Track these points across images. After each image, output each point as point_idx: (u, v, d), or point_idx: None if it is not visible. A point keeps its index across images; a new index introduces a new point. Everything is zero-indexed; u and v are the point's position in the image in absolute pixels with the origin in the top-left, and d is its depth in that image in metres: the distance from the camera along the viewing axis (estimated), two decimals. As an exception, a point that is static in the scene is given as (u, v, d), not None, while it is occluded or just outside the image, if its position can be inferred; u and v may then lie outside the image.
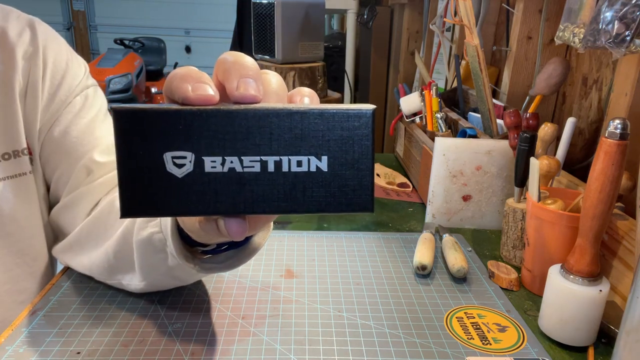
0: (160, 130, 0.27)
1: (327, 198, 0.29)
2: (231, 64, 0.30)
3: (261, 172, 0.28)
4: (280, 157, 0.28)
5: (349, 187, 0.29)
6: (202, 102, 0.28)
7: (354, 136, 0.28)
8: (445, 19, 1.16)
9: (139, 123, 0.27)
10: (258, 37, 1.28)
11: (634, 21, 0.50)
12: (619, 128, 0.46)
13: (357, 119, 0.28)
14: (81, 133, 0.60)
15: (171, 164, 0.28)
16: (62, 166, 0.60)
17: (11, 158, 0.57)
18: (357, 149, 0.29)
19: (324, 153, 0.28)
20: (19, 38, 0.57)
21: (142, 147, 0.27)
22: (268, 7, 1.20)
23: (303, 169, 0.28)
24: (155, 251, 0.46)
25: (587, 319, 0.50)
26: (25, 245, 0.60)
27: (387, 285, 0.61)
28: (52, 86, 0.59)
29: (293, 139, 0.28)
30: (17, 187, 0.58)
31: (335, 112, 0.28)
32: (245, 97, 0.29)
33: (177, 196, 0.28)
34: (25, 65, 0.57)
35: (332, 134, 0.28)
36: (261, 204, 0.29)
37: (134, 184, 0.28)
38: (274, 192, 0.29)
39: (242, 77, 0.29)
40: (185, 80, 0.29)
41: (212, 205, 0.29)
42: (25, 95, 0.58)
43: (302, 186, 0.29)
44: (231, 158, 0.28)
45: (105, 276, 0.56)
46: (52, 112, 0.60)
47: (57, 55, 0.60)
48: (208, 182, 0.28)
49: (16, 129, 0.57)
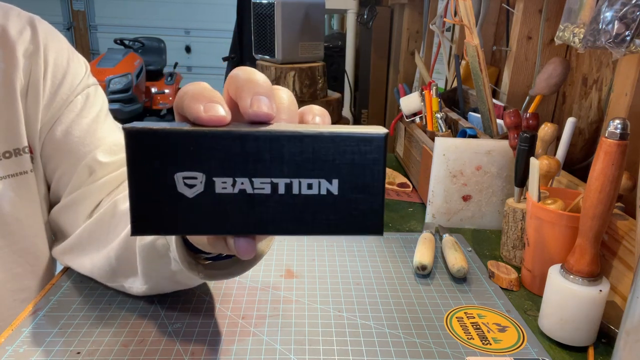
0: (172, 151, 0.27)
1: (337, 221, 0.29)
2: (244, 82, 0.30)
3: (272, 193, 0.28)
4: (291, 180, 0.28)
5: (360, 210, 0.29)
6: (214, 123, 0.28)
7: (366, 160, 0.28)
8: (445, 19, 1.16)
9: (150, 143, 0.27)
10: (258, 37, 1.28)
11: (634, 21, 0.50)
12: (619, 128, 0.46)
13: (369, 144, 0.28)
14: (83, 133, 0.60)
15: (182, 185, 0.28)
16: (63, 166, 0.60)
17: (12, 156, 0.57)
18: (369, 173, 0.28)
19: (335, 176, 0.28)
20: (19, 36, 0.57)
21: (153, 167, 0.27)
22: (268, 7, 1.20)
23: (314, 192, 0.28)
24: (158, 256, 0.46)
25: (587, 319, 0.50)
26: (27, 244, 0.60)
27: (387, 285, 0.61)
28: (53, 85, 0.59)
29: (304, 162, 0.28)
30: (18, 185, 0.58)
31: (346, 136, 0.28)
32: (258, 115, 0.29)
33: (187, 216, 0.28)
34: (26, 63, 0.57)
35: (343, 158, 0.28)
36: (271, 225, 0.29)
37: (145, 204, 0.28)
38: (284, 213, 0.29)
39: (255, 95, 0.29)
40: (197, 99, 0.28)
41: (222, 225, 0.29)
42: (26, 93, 0.58)
43: (312, 209, 0.29)
44: (242, 179, 0.28)
45: (106, 279, 0.56)
46: (54, 111, 0.59)
47: (58, 54, 0.60)
48: (218, 203, 0.28)
49: (17, 128, 0.57)
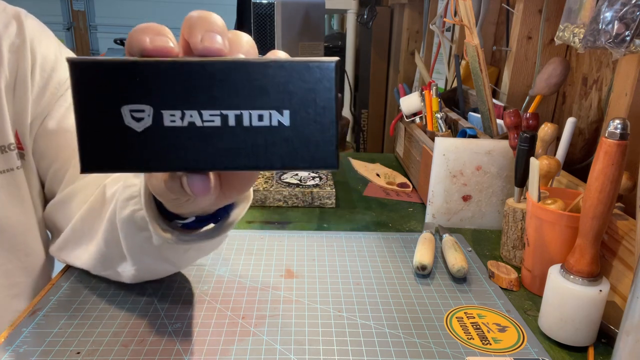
0: (117, 82, 0.27)
1: (290, 154, 0.28)
2: (196, 19, 0.29)
3: (222, 126, 0.28)
4: (241, 111, 0.27)
5: (312, 142, 0.28)
6: (160, 53, 0.28)
7: (317, 89, 0.27)
8: (445, 19, 1.16)
9: (95, 75, 0.27)
10: (258, 37, 1.28)
11: (634, 21, 0.50)
12: (619, 128, 0.46)
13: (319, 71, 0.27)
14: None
15: (129, 118, 0.27)
16: (57, 161, 0.60)
17: None
18: (320, 102, 0.28)
19: (286, 107, 0.27)
20: (5, 30, 0.56)
21: (99, 100, 0.27)
22: (268, 7, 1.20)
23: (265, 124, 0.28)
24: (138, 229, 0.46)
25: (587, 319, 0.50)
26: (17, 241, 0.60)
27: (387, 285, 0.61)
28: (42, 78, 0.59)
29: (254, 92, 0.27)
30: (6, 182, 0.57)
31: (296, 63, 0.27)
32: (209, 50, 0.28)
33: (136, 151, 0.28)
34: (11, 58, 0.57)
35: (294, 86, 0.27)
36: (223, 160, 0.28)
37: (93, 138, 0.27)
38: (235, 147, 0.28)
39: (207, 31, 0.28)
40: (144, 32, 0.28)
41: (172, 161, 0.28)
42: (13, 89, 0.57)
43: (264, 141, 0.28)
44: (191, 112, 0.27)
45: (100, 267, 0.55)
46: (44, 105, 0.59)
47: (46, 49, 0.60)
48: (168, 137, 0.27)
49: (2, 124, 0.56)
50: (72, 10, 6.01)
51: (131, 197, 0.45)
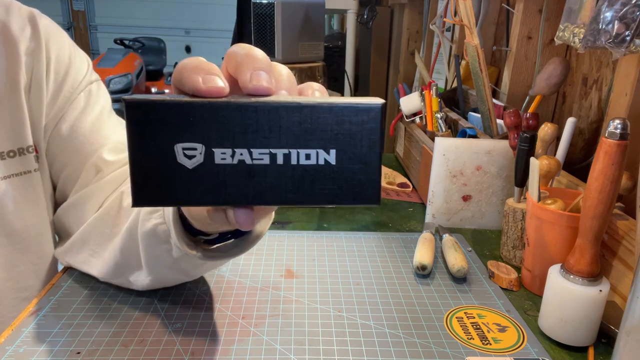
0: (171, 121, 0.28)
1: (334, 191, 0.29)
2: (243, 57, 0.30)
3: (270, 164, 0.29)
4: (289, 150, 0.28)
5: (357, 180, 0.29)
6: (213, 94, 0.28)
7: (363, 130, 0.28)
8: (445, 19, 1.16)
9: (150, 114, 0.28)
10: (258, 37, 1.28)
11: (634, 21, 0.50)
12: (619, 128, 0.46)
13: (366, 114, 0.28)
14: (88, 131, 0.60)
15: (182, 155, 0.28)
16: (70, 165, 0.60)
17: (17, 156, 0.57)
18: (366, 142, 0.29)
19: (333, 147, 0.29)
20: (21, 33, 0.57)
21: (153, 138, 0.28)
22: (268, 7, 1.20)
23: (311, 162, 0.29)
24: (159, 242, 0.46)
25: (587, 319, 0.50)
26: (30, 243, 0.60)
27: (387, 285, 0.61)
28: (56, 81, 0.59)
29: (302, 132, 0.28)
30: (22, 185, 0.58)
31: (344, 107, 0.28)
32: (258, 89, 0.29)
33: (187, 186, 0.29)
34: (28, 60, 0.57)
35: (340, 128, 0.28)
36: (269, 195, 0.29)
37: (146, 174, 0.28)
38: (282, 184, 0.29)
39: (254, 70, 0.29)
40: (195, 72, 0.29)
41: (221, 195, 0.29)
42: (29, 91, 0.57)
43: (310, 179, 0.29)
44: (241, 150, 0.28)
45: (111, 275, 0.55)
46: (57, 108, 0.59)
47: (59, 50, 0.60)
48: (218, 174, 0.29)
49: (22, 126, 0.57)
50: (72, 10, 6.02)
51: (154, 210, 0.46)
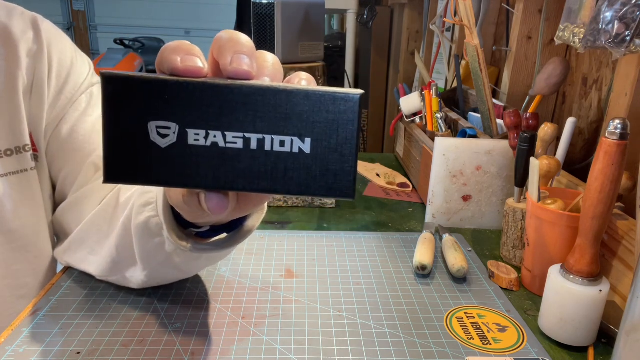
0: (146, 98, 0.28)
1: (307, 180, 0.29)
2: (226, 41, 0.30)
3: (244, 149, 0.28)
4: (264, 136, 0.28)
5: (331, 171, 0.29)
6: (190, 73, 0.28)
7: (340, 120, 0.28)
8: (445, 19, 1.16)
9: (126, 90, 0.28)
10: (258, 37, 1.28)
11: (634, 21, 0.50)
12: (619, 128, 0.46)
13: (344, 103, 0.28)
14: (88, 132, 0.61)
15: (155, 134, 0.28)
16: (69, 164, 0.61)
17: (13, 154, 0.57)
18: (342, 133, 0.28)
19: (308, 135, 0.28)
20: (23, 35, 0.58)
21: (127, 113, 0.28)
22: (268, 7, 1.20)
23: (286, 150, 0.28)
24: (152, 235, 0.46)
25: (587, 319, 0.50)
26: (26, 241, 0.60)
27: (387, 285, 0.61)
28: (57, 84, 0.60)
29: (278, 118, 0.28)
30: (19, 183, 0.58)
31: (322, 94, 0.28)
32: (237, 72, 0.29)
33: (159, 166, 0.29)
34: (29, 63, 0.58)
35: (317, 116, 0.28)
36: (241, 181, 0.29)
37: (118, 149, 0.28)
38: (255, 170, 0.29)
39: (236, 53, 0.29)
40: (175, 52, 0.29)
41: (192, 178, 0.29)
42: (30, 93, 0.58)
43: (283, 166, 0.29)
44: (215, 132, 0.28)
45: (108, 272, 0.55)
46: (58, 110, 0.60)
47: (61, 54, 0.61)
48: (190, 155, 0.28)
49: (19, 126, 0.57)
50: (72, 10, 6.01)
51: (147, 203, 0.46)
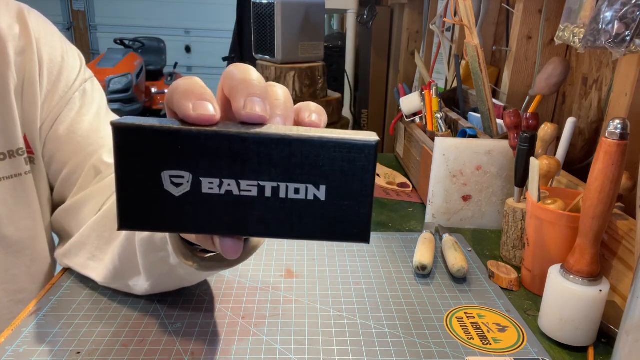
0: (159, 148, 0.27)
1: (323, 227, 0.28)
2: (238, 82, 0.29)
3: (258, 196, 0.28)
4: (279, 184, 0.28)
5: (346, 218, 0.28)
6: (203, 122, 0.27)
7: (355, 168, 0.28)
8: (445, 19, 1.16)
9: (137, 140, 0.27)
10: (258, 37, 1.28)
11: (634, 21, 0.50)
12: (619, 128, 0.46)
13: (360, 152, 0.27)
14: (86, 132, 0.59)
15: (169, 183, 0.28)
16: (69, 166, 0.59)
17: (7, 158, 0.56)
18: (357, 181, 0.28)
19: (323, 182, 0.28)
20: (10, 31, 0.55)
21: (140, 163, 0.27)
22: (268, 7, 1.20)
23: (301, 197, 0.28)
24: (156, 250, 0.46)
25: (587, 319, 0.50)
26: (23, 246, 0.59)
27: (387, 285, 0.61)
28: (49, 82, 0.58)
29: (292, 166, 0.27)
30: (13, 187, 0.57)
31: (336, 143, 0.27)
32: (251, 118, 0.28)
33: (173, 214, 0.28)
34: (18, 60, 0.55)
35: (332, 164, 0.27)
36: (256, 227, 0.29)
37: (132, 199, 0.28)
38: (269, 217, 0.28)
39: (249, 96, 0.28)
40: (186, 96, 0.28)
41: (207, 225, 0.28)
42: (22, 92, 0.56)
43: (298, 213, 0.28)
44: (229, 181, 0.28)
45: (110, 280, 0.55)
46: (53, 109, 0.58)
47: (51, 49, 0.59)
48: (204, 203, 0.28)
49: (12, 129, 0.55)
50: (72, 10, 6.01)
51: None
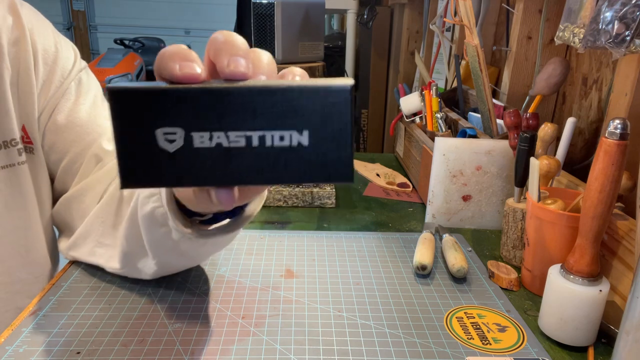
0: (151, 108, 0.29)
1: (309, 170, 0.31)
2: (222, 43, 0.31)
3: (246, 146, 0.30)
4: (264, 132, 0.30)
5: (330, 159, 0.30)
6: (189, 80, 0.29)
7: (334, 111, 0.30)
8: (445, 19, 1.16)
9: (131, 102, 0.29)
10: (258, 37, 1.28)
11: (634, 21, 0.50)
12: (619, 128, 0.46)
13: (336, 95, 0.29)
14: (85, 121, 0.60)
15: (163, 140, 0.30)
16: (69, 155, 0.60)
17: (1, 149, 0.56)
18: (337, 123, 0.30)
19: (306, 128, 0.30)
20: (3, 23, 0.56)
21: (135, 124, 0.29)
22: (268, 7, 1.20)
23: (286, 143, 0.30)
24: (158, 225, 0.47)
25: (587, 319, 0.50)
26: (17, 236, 0.60)
27: (387, 285, 0.61)
28: (45, 72, 0.58)
29: (275, 115, 0.30)
30: (8, 178, 0.57)
31: (314, 89, 0.29)
32: (235, 74, 0.30)
33: (169, 169, 0.30)
34: (12, 51, 0.56)
35: (312, 109, 0.30)
36: (247, 176, 0.31)
37: (130, 158, 0.30)
38: (258, 164, 0.30)
39: (232, 56, 0.30)
40: (172, 59, 0.30)
41: (201, 177, 0.31)
42: (17, 83, 0.57)
43: (285, 159, 0.30)
44: (218, 133, 0.30)
45: (119, 264, 0.56)
46: (49, 98, 0.59)
47: (45, 39, 0.59)
48: (197, 156, 0.30)
49: (5, 119, 0.56)
50: (72, 10, 6.02)
51: (152, 194, 0.47)
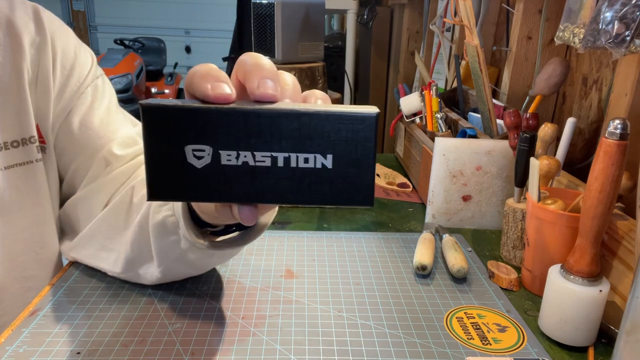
0: (182, 125, 0.30)
1: (330, 192, 0.32)
2: (252, 66, 0.33)
3: (271, 166, 0.31)
4: (289, 154, 0.31)
5: (352, 183, 0.32)
6: (220, 100, 0.31)
7: (358, 138, 0.31)
8: (445, 19, 1.16)
9: (163, 118, 0.30)
10: (258, 37, 1.28)
11: (634, 21, 0.50)
12: (619, 128, 0.46)
13: (362, 122, 0.31)
14: (97, 126, 0.61)
15: (191, 156, 0.31)
16: (79, 158, 0.61)
17: (20, 146, 0.58)
18: (361, 149, 0.31)
19: (330, 152, 0.31)
20: (25, 26, 0.58)
21: (166, 140, 0.31)
22: (268, 7, 1.20)
23: (309, 166, 0.31)
24: (168, 233, 0.48)
25: (587, 319, 0.50)
26: (31, 232, 0.60)
27: (387, 285, 0.61)
28: (62, 76, 0.60)
29: (301, 138, 0.31)
30: (24, 174, 0.58)
31: (340, 115, 0.30)
32: (264, 96, 0.31)
33: (196, 184, 0.32)
34: (33, 54, 0.58)
35: (337, 135, 0.31)
36: (270, 195, 0.32)
37: (159, 172, 0.31)
38: (282, 184, 0.32)
39: (262, 78, 0.32)
40: (205, 79, 0.31)
41: (226, 194, 0.32)
42: (35, 84, 0.58)
43: (308, 181, 0.31)
44: (245, 153, 0.31)
45: (121, 268, 0.56)
46: (65, 102, 0.60)
47: (65, 45, 0.61)
48: (224, 174, 0.31)
49: (26, 117, 0.57)
50: (72, 10, 6.01)
51: (164, 204, 0.48)
